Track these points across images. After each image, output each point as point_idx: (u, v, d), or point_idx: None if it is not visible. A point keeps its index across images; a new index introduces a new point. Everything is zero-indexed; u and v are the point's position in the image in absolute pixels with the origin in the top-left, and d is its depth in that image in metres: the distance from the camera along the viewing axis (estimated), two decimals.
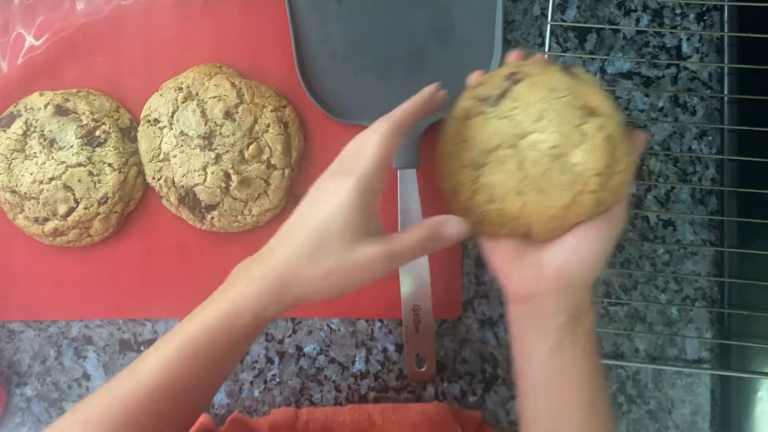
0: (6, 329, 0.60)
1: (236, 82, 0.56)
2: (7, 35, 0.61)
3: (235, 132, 0.54)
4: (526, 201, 0.41)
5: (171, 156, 0.55)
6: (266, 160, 0.55)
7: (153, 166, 0.56)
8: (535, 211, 0.41)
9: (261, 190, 0.55)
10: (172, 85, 0.56)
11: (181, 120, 0.54)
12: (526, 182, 0.41)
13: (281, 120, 0.55)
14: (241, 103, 0.55)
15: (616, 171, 0.41)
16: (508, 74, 0.43)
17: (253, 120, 0.54)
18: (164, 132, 0.55)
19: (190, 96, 0.55)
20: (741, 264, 0.57)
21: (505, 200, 0.42)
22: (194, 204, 0.54)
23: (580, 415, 0.42)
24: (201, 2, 0.61)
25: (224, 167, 0.53)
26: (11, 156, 0.57)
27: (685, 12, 0.60)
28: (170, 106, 0.55)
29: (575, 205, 0.41)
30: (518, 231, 0.43)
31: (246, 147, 0.54)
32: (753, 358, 0.56)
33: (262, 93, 0.56)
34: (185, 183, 0.54)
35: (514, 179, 0.41)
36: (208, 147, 0.54)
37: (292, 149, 0.56)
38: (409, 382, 0.58)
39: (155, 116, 0.56)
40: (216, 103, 0.54)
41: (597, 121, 0.40)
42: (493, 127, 0.42)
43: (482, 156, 0.42)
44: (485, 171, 0.42)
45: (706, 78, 0.60)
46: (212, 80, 0.55)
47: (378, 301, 0.59)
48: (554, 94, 0.41)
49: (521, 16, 0.60)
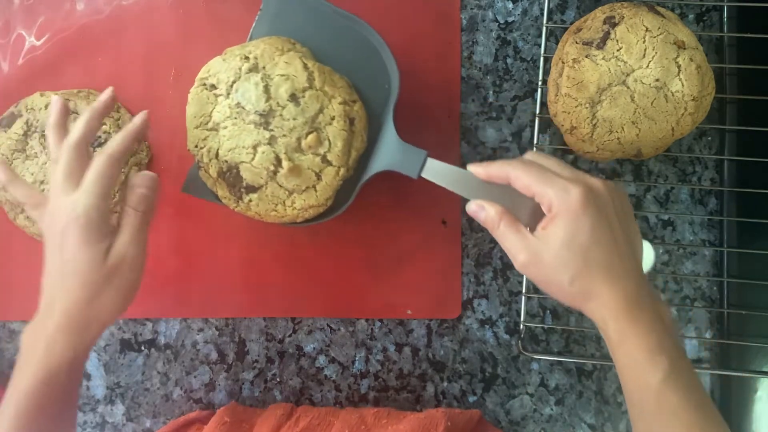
0: (6, 329, 0.60)
1: (309, 65, 0.51)
2: (8, 36, 0.61)
3: (297, 117, 0.49)
4: (641, 129, 0.51)
5: (221, 126, 0.50)
6: (323, 154, 0.50)
7: (198, 133, 0.51)
8: (648, 136, 0.51)
9: (310, 184, 0.51)
10: (239, 52, 0.51)
11: (241, 91, 0.50)
12: (639, 113, 0.50)
13: (348, 115, 0.51)
14: (309, 87, 0.50)
15: (705, 94, 0.51)
16: (605, 18, 0.52)
17: (318, 108, 0.50)
18: (219, 100, 0.51)
19: (255, 68, 0.50)
20: (740, 264, 0.57)
21: (623, 130, 0.51)
22: (235, 181, 0.51)
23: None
24: (201, 2, 0.61)
25: (277, 150, 0.49)
26: (12, 156, 0.57)
27: (685, 12, 0.60)
28: (232, 74, 0.50)
29: (678, 127, 0.51)
30: (631, 154, 0.53)
31: (305, 135, 0.49)
32: (752, 358, 0.56)
33: (334, 82, 0.51)
34: (230, 158, 0.50)
35: (629, 111, 0.51)
36: (264, 125, 0.49)
37: (352, 149, 0.51)
38: (409, 382, 0.59)
39: (213, 81, 0.51)
40: (283, 82, 0.49)
41: (687, 53, 0.50)
42: (603, 68, 0.51)
43: (597, 94, 0.51)
44: (601, 107, 0.51)
45: None
46: (283, 56, 0.50)
47: (378, 301, 0.59)
48: (650, 33, 0.50)
49: (521, 16, 0.60)
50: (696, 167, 0.59)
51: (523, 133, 0.60)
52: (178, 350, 0.59)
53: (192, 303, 0.60)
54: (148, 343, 0.60)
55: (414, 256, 0.58)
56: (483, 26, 0.60)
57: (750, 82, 0.57)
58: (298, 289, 0.59)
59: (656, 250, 0.57)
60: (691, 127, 0.52)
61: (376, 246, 0.59)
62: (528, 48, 0.60)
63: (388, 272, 0.59)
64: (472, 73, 0.60)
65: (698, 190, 0.59)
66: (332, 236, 0.59)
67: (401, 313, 0.59)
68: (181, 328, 0.60)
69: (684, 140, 0.59)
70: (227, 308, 0.59)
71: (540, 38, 0.59)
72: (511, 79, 0.60)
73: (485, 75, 0.60)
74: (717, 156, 0.59)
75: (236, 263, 0.59)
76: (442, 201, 0.58)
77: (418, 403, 0.59)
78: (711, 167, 0.59)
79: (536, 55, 0.59)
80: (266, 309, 0.59)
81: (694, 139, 0.59)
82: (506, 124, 0.60)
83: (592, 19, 0.53)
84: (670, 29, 0.51)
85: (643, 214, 0.59)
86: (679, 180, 0.59)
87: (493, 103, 0.60)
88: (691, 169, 0.59)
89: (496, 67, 0.60)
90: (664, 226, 0.59)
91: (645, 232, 0.59)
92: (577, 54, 0.52)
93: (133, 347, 0.60)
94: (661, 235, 0.59)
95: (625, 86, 0.51)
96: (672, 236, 0.59)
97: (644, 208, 0.59)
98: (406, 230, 0.59)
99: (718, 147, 0.59)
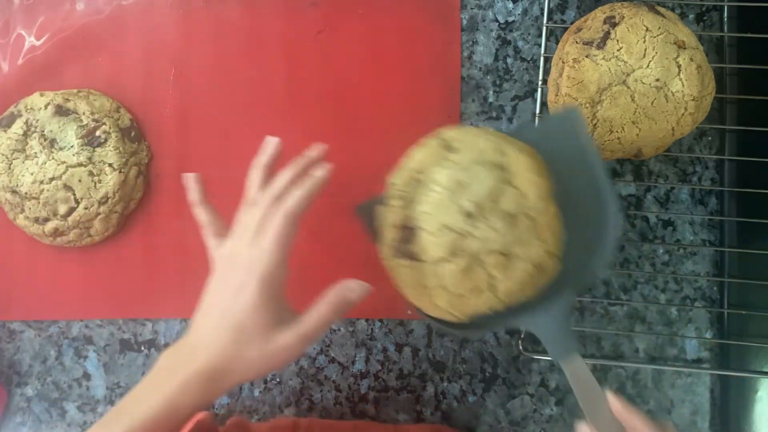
0: (6, 329, 0.60)
1: (550, 202, 0.46)
2: (8, 35, 0.61)
3: (500, 234, 0.44)
4: (641, 129, 0.50)
5: (431, 188, 0.46)
6: (496, 280, 0.45)
7: (410, 175, 0.47)
8: (648, 136, 0.51)
9: (468, 290, 0.46)
10: (495, 142, 0.46)
11: (473, 173, 0.45)
12: (639, 112, 0.50)
13: (542, 264, 0.46)
14: (532, 220, 0.45)
15: (705, 94, 0.51)
16: (605, 18, 0.51)
17: (524, 241, 0.45)
18: (446, 165, 0.46)
19: (501, 166, 0.46)
20: (740, 264, 0.57)
21: (623, 130, 0.51)
22: (406, 239, 0.47)
23: None
24: (201, 2, 0.61)
25: (460, 243, 0.45)
26: (12, 156, 0.57)
27: (685, 12, 0.60)
28: (477, 153, 0.46)
29: (678, 126, 0.51)
30: (631, 153, 0.53)
31: (494, 253, 0.44)
32: (752, 358, 0.56)
33: (553, 228, 0.46)
34: (418, 218, 0.46)
35: (629, 111, 0.50)
36: (466, 215, 0.45)
37: (522, 292, 0.47)
38: (409, 382, 0.59)
39: (455, 145, 0.47)
40: (515, 197, 0.45)
41: (687, 53, 0.50)
42: (604, 68, 0.50)
43: (597, 94, 0.51)
44: (602, 107, 0.51)
45: None
46: (533, 175, 0.45)
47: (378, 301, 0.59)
48: (651, 33, 0.50)
49: (521, 16, 0.60)
50: (696, 167, 0.59)
51: None
52: None
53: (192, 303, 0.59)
54: (148, 343, 0.60)
55: None
56: (483, 26, 0.60)
57: (750, 82, 0.57)
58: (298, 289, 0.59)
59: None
60: (691, 126, 0.52)
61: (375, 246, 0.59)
62: (528, 48, 0.60)
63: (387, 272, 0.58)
64: (472, 73, 0.60)
65: (698, 190, 0.59)
66: (332, 236, 0.59)
67: (401, 313, 0.59)
68: (181, 328, 0.60)
69: (684, 140, 0.59)
70: None
71: (540, 38, 0.59)
72: (511, 79, 0.60)
73: (485, 75, 0.60)
74: (717, 156, 0.59)
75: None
76: None
77: (418, 403, 0.59)
78: (711, 167, 0.59)
79: (536, 55, 0.59)
80: None
81: (695, 138, 0.59)
82: (506, 124, 0.60)
83: (593, 19, 0.53)
84: (671, 29, 0.51)
85: (643, 214, 0.59)
86: (679, 180, 0.59)
87: (493, 103, 0.60)
88: (691, 169, 0.59)
89: (496, 67, 0.60)
90: (664, 226, 0.59)
91: (645, 232, 0.59)
92: (577, 54, 0.52)
93: (133, 347, 0.60)
94: (662, 235, 0.59)
95: (626, 86, 0.51)
96: (672, 236, 0.59)
97: (644, 208, 0.59)
98: None
99: (718, 147, 0.59)
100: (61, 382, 0.60)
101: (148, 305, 0.59)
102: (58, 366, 0.60)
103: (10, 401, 0.60)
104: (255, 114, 0.60)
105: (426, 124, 0.59)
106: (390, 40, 0.60)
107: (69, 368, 0.60)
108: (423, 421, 0.58)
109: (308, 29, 0.60)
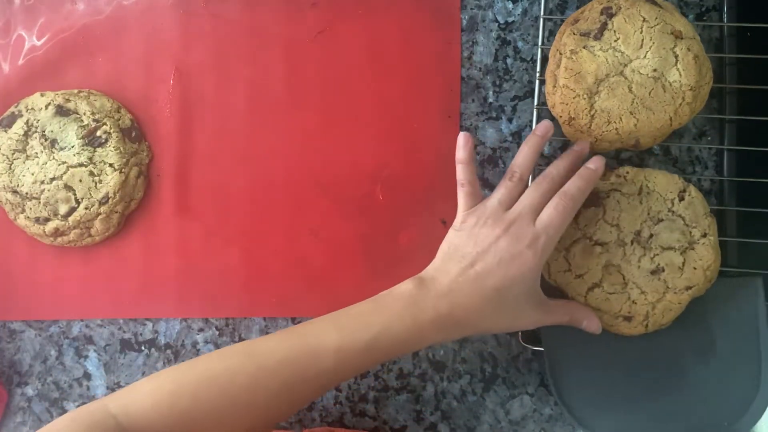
0: (7, 329, 0.60)
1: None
2: (8, 36, 0.61)
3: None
4: (639, 119, 0.50)
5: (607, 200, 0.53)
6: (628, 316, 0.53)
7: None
8: (646, 126, 0.51)
9: (615, 313, 0.52)
10: (669, 183, 0.53)
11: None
12: (636, 103, 0.50)
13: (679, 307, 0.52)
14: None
15: (703, 84, 0.51)
16: (602, 9, 0.52)
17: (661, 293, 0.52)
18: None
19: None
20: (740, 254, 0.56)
21: (621, 121, 0.51)
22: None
23: None
24: (201, 2, 0.61)
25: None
26: (12, 156, 0.57)
27: (685, 12, 0.60)
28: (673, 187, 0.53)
29: (676, 116, 0.51)
30: (629, 144, 0.52)
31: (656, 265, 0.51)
32: None
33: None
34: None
35: (626, 102, 0.50)
36: (639, 242, 0.52)
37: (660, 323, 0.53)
38: (409, 382, 0.59)
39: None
40: (675, 230, 0.52)
41: (685, 42, 0.50)
42: (601, 59, 0.51)
43: (595, 85, 0.51)
44: (599, 98, 0.51)
45: None
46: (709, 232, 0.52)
47: None
48: (648, 23, 0.50)
49: (521, 16, 0.60)
50: (696, 167, 0.59)
51: (523, 133, 0.60)
52: (178, 350, 0.60)
53: (192, 303, 0.60)
54: (148, 343, 0.60)
55: (413, 256, 0.58)
56: (483, 26, 0.60)
57: (749, 72, 0.57)
58: (298, 289, 0.59)
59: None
60: (689, 116, 0.52)
61: (375, 246, 0.59)
62: (528, 48, 0.60)
63: (387, 272, 0.59)
64: (472, 73, 0.60)
65: (696, 180, 0.59)
66: (332, 236, 0.59)
67: None
68: (181, 328, 0.60)
69: (684, 139, 0.59)
70: (227, 308, 0.59)
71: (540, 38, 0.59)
72: (511, 79, 0.60)
73: (485, 75, 0.60)
74: (716, 146, 0.58)
75: (236, 263, 0.59)
76: (441, 201, 0.59)
77: (417, 402, 0.59)
78: (711, 167, 0.59)
79: (536, 54, 0.59)
80: (266, 309, 0.59)
81: (694, 138, 0.59)
82: (506, 124, 0.60)
83: (590, 9, 0.53)
84: (668, 19, 0.51)
85: None
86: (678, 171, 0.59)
87: (493, 103, 0.60)
88: (691, 169, 0.59)
89: (496, 67, 0.60)
90: None
91: None
92: (574, 45, 0.52)
93: (133, 347, 0.60)
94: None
95: (623, 76, 0.51)
96: None
97: None
98: (405, 230, 0.59)
99: (717, 137, 0.59)
100: (62, 382, 0.60)
101: (149, 305, 0.59)
102: (58, 366, 0.60)
103: (10, 401, 0.60)
104: (255, 114, 0.60)
105: (426, 124, 0.60)
106: (390, 40, 0.60)
107: (69, 368, 0.60)
108: (423, 420, 0.58)
109: (308, 29, 0.60)
